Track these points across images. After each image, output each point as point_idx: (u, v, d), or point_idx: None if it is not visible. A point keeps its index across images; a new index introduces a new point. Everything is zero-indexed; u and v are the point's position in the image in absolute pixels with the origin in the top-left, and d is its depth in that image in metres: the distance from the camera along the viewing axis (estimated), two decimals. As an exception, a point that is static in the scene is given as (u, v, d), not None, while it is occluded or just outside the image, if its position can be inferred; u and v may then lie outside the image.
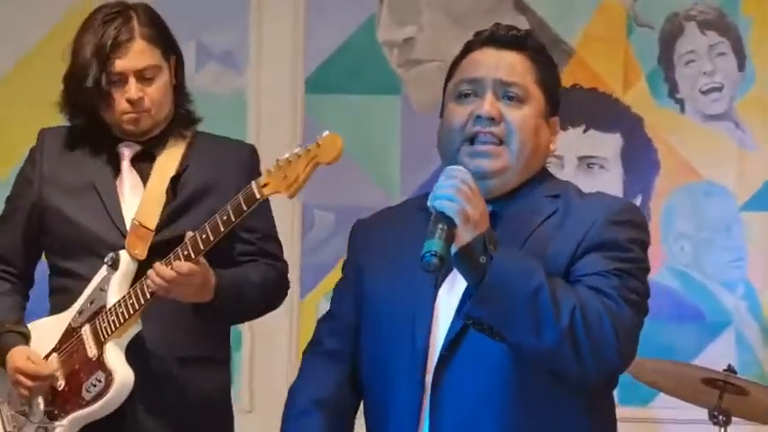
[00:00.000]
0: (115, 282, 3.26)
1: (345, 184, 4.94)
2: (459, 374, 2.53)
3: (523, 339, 2.45)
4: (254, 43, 5.22)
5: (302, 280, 5.03)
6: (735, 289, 5.04)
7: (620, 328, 2.46)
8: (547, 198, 2.60)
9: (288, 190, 2.98)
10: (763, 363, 4.98)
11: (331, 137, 2.94)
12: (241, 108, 4.98)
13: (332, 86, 5.17)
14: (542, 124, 2.61)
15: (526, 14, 5.15)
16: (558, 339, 2.43)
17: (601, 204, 2.59)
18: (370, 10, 5.24)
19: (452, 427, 2.52)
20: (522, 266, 2.45)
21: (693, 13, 5.10)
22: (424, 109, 5.14)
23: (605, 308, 2.46)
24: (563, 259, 2.52)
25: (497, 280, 2.42)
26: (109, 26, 3.40)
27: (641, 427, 4.87)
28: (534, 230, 2.55)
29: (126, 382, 3.22)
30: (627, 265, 2.52)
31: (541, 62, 2.63)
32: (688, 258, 5.07)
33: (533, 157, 2.60)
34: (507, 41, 2.62)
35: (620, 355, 2.47)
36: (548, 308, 2.42)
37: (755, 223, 5.04)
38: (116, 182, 3.40)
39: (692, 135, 5.09)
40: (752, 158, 5.06)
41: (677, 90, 5.11)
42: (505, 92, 2.58)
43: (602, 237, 2.51)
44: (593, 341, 2.44)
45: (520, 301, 2.42)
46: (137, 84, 3.37)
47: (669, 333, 4.92)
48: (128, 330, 3.24)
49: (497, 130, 2.56)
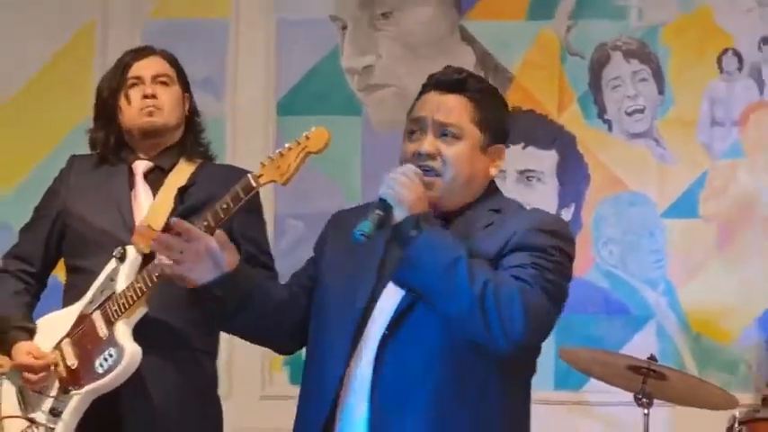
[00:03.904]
0: (123, 272, 3.29)
1: (313, 195, 4.93)
2: (399, 352, 2.55)
3: (442, 303, 2.51)
4: (230, 72, 5.24)
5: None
6: (656, 287, 5.02)
7: (529, 307, 2.49)
8: (490, 211, 2.66)
9: (281, 178, 2.98)
10: (681, 351, 4.97)
11: (319, 130, 2.95)
12: (220, 130, 4.93)
13: (301, 109, 5.17)
14: (478, 155, 2.66)
15: (472, 45, 5.16)
16: (469, 305, 2.47)
17: (533, 215, 2.66)
18: (333, 41, 5.24)
19: (391, 398, 2.54)
20: (446, 242, 2.53)
21: (619, 43, 5.11)
22: (381, 128, 5.16)
23: (519, 289, 2.50)
24: (491, 255, 2.56)
25: (422, 249, 2.50)
26: (132, 50, 3.55)
27: (574, 408, 4.87)
28: (473, 236, 2.60)
29: (135, 355, 3.23)
30: (547, 263, 2.55)
31: (480, 101, 2.68)
32: (615, 260, 5.05)
33: (469, 182, 2.66)
34: (449, 85, 2.67)
35: (526, 331, 2.49)
36: (463, 276, 2.48)
37: (674, 229, 5.04)
38: (131, 192, 3.44)
39: (619, 151, 5.10)
40: (671, 171, 5.06)
41: (605, 111, 5.12)
42: (443, 131, 2.63)
43: (528, 240, 2.56)
44: (501, 313, 2.47)
45: (440, 268, 2.49)
46: (153, 85, 3.44)
47: (599, 326, 4.92)
48: (135, 312, 3.26)
49: (435, 164, 2.62)
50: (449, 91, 2.67)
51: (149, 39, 4.71)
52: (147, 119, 3.44)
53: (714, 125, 5.05)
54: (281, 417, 5.01)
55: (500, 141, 2.71)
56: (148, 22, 5.24)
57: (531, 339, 2.56)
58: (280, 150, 2.99)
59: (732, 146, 5.04)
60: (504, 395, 2.60)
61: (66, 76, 5.21)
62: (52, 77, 5.24)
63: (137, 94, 3.45)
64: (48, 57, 5.27)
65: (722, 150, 5.04)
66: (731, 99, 5.04)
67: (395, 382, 2.54)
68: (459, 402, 2.55)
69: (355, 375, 2.56)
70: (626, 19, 5.10)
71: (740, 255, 4.99)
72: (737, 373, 4.93)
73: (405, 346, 2.55)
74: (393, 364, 2.55)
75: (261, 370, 5.09)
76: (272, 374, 5.13)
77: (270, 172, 3.00)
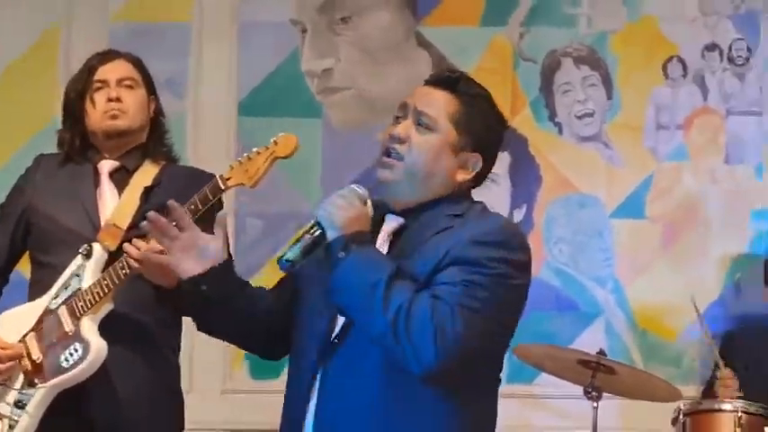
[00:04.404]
0: (89, 268, 3.28)
1: (273, 195, 4.90)
2: (343, 362, 2.51)
3: (362, 325, 2.46)
4: (193, 73, 5.21)
5: (234, 279, 5.01)
6: (605, 284, 5.04)
7: (442, 334, 2.39)
8: (448, 216, 2.56)
9: (249, 181, 3.00)
10: (628, 346, 4.99)
11: (287, 136, 2.96)
12: (181, 129, 4.92)
13: (261, 110, 5.14)
14: (446, 154, 2.57)
15: (428, 50, 5.14)
16: (383, 329, 2.41)
17: (478, 226, 2.53)
18: (294, 44, 5.21)
19: (333, 408, 2.50)
20: (371, 264, 2.45)
21: (569, 50, 5.12)
22: (340, 129, 5.15)
23: (435, 314, 2.41)
24: (428, 268, 2.48)
25: (347, 271, 2.44)
26: (98, 54, 3.53)
27: (526, 401, 4.87)
28: (426, 242, 2.52)
29: (100, 350, 3.21)
30: (479, 277, 2.44)
31: (465, 103, 2.59)
32: (566, 258, 5.06)
33: (428, 178, 2.57)
34: (440, 81, 2.62)
35: (435, 357, 2.39)
36: (379, 301, 2.40)
37: (622, 229, 5.05)
38: (96, 191, 3.43)
39: (569, 154, 5.10)
40: (619, 174, 5.08)
41: (556, 115, 5.12)
42: (419, 119, 2.57)
43: (464, 253, 2.46)
44: (411, 340, 2.39)
45: (360, 291, 2.42)
46: (117, 88, 3.44)
47: (550, 322, 4.92)
48: (101, 308, 3.25)
49: (401, 148, 2.57)
50: (439, 86, 2.61)
51: (114, 41, 4.73)
52: (110, 122, 3.44)
53: (660, 129, 5.07)
54: (241, 411, 5.09)
55: (479, 151, 2.60)
56: (113, 24, 5.20)
57: (447, 365, 2.42)
58: (248, 154, 3.00)
59: (677, 149, 5.06)
60: (451, 410, 2.50)
61: (32, 77, 5.18)
62: (18, 79, 5.20)
63: (102, 97, 3.45)
64: (14, 58, 5.23)
65: (667, 153, 5.07)
66: (676, 104, 5.06)
67: (336, 391, 2.50)
68: (407, 407, 2.48)
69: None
70: (576, 26, 5.12)
71: (684, 254, 5.01)
72: (681, 367, 4.95)
73: (350, 359, 2.50)
74: (335, 374, 2.51)
75: (222, 365, 5.05)
76: (233, 369, 5.09)
77: (238, 175, 3.02)
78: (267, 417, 5.00)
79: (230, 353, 4.99)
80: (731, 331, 4.80)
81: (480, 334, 2.44)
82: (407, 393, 2.46)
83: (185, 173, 3.48)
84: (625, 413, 4.71)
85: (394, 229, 2.59)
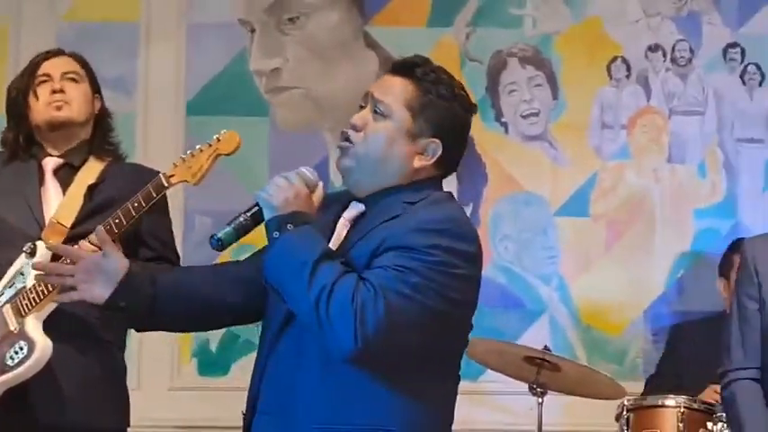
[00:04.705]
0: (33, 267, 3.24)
1: (222, 193, 4.82)
2: (287, 347, 2.51)
3: (289, 303, 2.45)
4: (142, 73, 5.17)
5: (183, 275, 4.99)
6: (549, 282, 5.06)
7: (361, 316, 2.36)
8: (404, 204, 2.53)
9: (193, 178, 3.00)
10: (573, 343, 5.02)
11: (230, 133, 2.96)
12: (131, 128, 4.90)
13: (210, 109, 5.12)
14: (401, 140, 2.55)
15: (376, 50, 5.14)
16: (307, 309, 2.40)
17: (423, 214, 2.50)
18: (242, 43, 5.19)
19: (277, 393, 2.51)
20: (303, 245, 2.44)
21: (515, 50, 5.13)
22: (288, 128, 5.14)
23: (357, 296, 2.38)
24: (366, 253, 2.46)
25: (279, 252, 2.44)
26: (42, 53, 3.52)
27: (471, 398, 4.72)
28: (375, 227, 2.50)
29: (46, 349, 3.19)
30: (415, 264, 2.40)
31: (422, 88, 2.56)
32: (511, 256, 5.07)
33: (381, 164, 2.55)
34: (399, 68, 2.60)
35: (353, 340, 2.36)
36: (305, 281, 2.39)
37: (566, 227, 5.08)
38: (41, 189, 3.41)
39: (514, 153, 5.11)
40: (563, 173, 5.10)
41: (502, 115, 5.13)
42: (375, 107, 2.56)
43: (402, 240, 2.43)
44: (331, 322, 2.37)
45: (290, 272, 2.42)
46: (61, 81, 3.42)
47: (496, 318, 4.92)
48: (45, 307, 3.22)
49: (355, 136, 2.56)
50: (398, 73, 2.59)
51: (63, 41, 4.68)
52: (55, 113, 3.41)
53: (604, 129, 5.10)
54: (188, 408, 5.08)
55: (438, 136, 2.56)
56: (62, 24, 5.16)
57: (368, 349, 2.38)
58: (191, 151, 3.00)
59: (621, 148, 5.10)
60: (391, 391, 2.46)
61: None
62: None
63: (45, 89, 3.43)
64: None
65: (611, 153, 5.10)
66: (620, 104, 5.10)
67: (282, 380, 2.50)
68: (345, 392, 2.46)
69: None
70: (521, 27, 5.13)
71: (628, 252, 5.04)
72: (624, 363, 4.99)
73: (293, 343, 2.50)
74: (281, 361, 2.51)
75: (170, 361, 5.04)
76: (181, 366, 5.07)
77: (181, 172, 3.03)
78: (215, 413, 5.02)
79: (178, 350, 4.98)
80: (676, 327, 4.85)
81: (408, 320, 2.40)
82: (346, 379, 2.44)
83: (129, 170, 3.46)
84: (569, 410, 4.72)
85: (354, 216, 2.58)
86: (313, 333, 2.43)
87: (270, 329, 2.56)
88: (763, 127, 5.05)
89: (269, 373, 2.52)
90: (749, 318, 3.29)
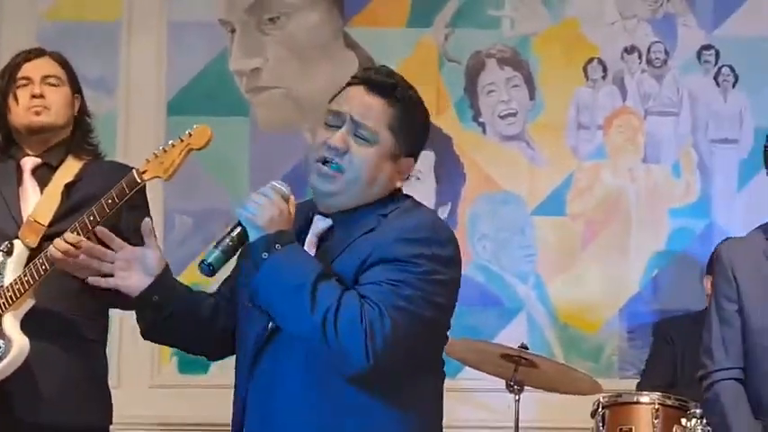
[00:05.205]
0: (10, 265, 3.25)
1: (202, 193, 4.89)
2: (270, 363, 2.49)
3: (288, 326, 2.43)
4: (123, 72, 5.17)
5: (164, 273, 4.98)
6: (527, 280, 5.07)
7: (371, 334, 2.37)
8: (377, 216, 2.52)
9: (165, 174, 2.98)
10: (550, 340, 5.04)
11: (202, 128, 2.95)
12: (111, 127, 4.91)
13: (190, 109, 5.10)
14: (386, 163, 2.53)
15: (355, 50, 5.15)
16: (311, 330, 2.37)
17: (401, 224, 2.49)
18: (222, 44, 5.19)
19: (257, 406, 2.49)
20: (295, 265, 2.42)
21: (493, 51, 5.15)
22: (268, 129, 5.15)
23: (364, 316, 2.38)
24: (353, 268, 2.45)
25: (270, 273, 2.41)
26: (22, 52, 3.50)
27: (450, 395, 4.68)
28: (352, 242, 2.49)
29: (23, 347, 3.18)
30: (405, 275, 2.41)
31: (402, 110, 2.54)
32: (489, 255, 5.08)
33: (368, 187, 2.52)
34: (376, 86, 2.55)
35: (365, 357, 2.37)
36: (306, 303, 2.37)
37: (543, 226, 5.09)
38: (19, 188, 3.39)
39: (492, 153, 5.12)
40: (540, 172, 5.12)
41: (480, 115, 5.14)
42: (357, 130, 2.51)
43: (389, 252, 2.43)
44: (341, 342, 2.36)
45: (285, 293, 2.39)
46: (41, 85, 3.40)
47: (474, 316, 4.93)
48: (23, 305, 3.21)
49: (340, 161, 2.50)
50: (375, 92, 2.54)
51: (44, 40, 4.67)
52: (34, 118, 3.39)
53: (580, 129, 5.12)
54: (169, 405, 5.09)
55: (412, 155, 2.57)
56: (43, 22, 5.16)
57: (378, 365, 2.39)
58: (163, 147, 2.99)
59: (597, 148, 5.12)
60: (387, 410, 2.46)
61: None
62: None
63: (25, 93, 3.41)
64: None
65: (587, 153, 5.12)
66: (596, 105, 5.12)
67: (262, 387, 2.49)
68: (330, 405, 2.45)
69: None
70: (500, 28, 5.15)
71: (604, 251, 5.06)
72: (600, 360, 5.00)
73: (275, 359, 2.48)
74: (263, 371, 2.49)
75: (150, 360, 5.03)
76: (161, 365, 5.07)
77: (154, 168, 3.00)
78: (195, 411, 5.02)
79: (158, 348, 4.95)
80: (654, 324, 4.86)
81: (408, 333, 2.41)
82: (330, 392, 2.43)
83: (107, 167, 3.43)
84: (546, 406, 4.73)
85: (322, 231, 2.55)
86: (292, 352, 2.43)
87: (244, 355, 2.53)
88: (736, 128, 5.09)
89: (251, 400, 2.50)
90: (729, 319, 3.30)
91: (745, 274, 3.30)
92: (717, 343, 3.30)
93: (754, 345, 3.26)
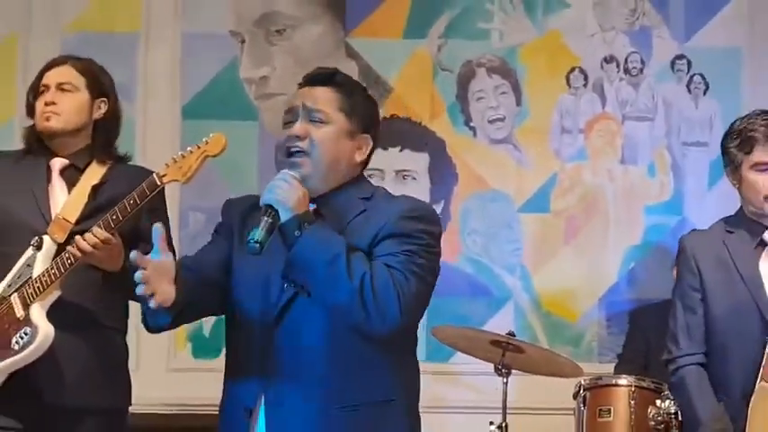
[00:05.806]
0: (39, 259, 3.29)
1: (214, 191, 4.81)
2: (288, 334, 2.59)
3: (326, 295, 2.54)
4: (141, 79, 5.20)
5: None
6: (514, 272, 5.13)
7: (402, 294, 2.54)
8: (360, 199, 2.67)
9: (183, 177, 3.02)
10: (534, 327, 5.09)
11: (217, 136, 2.98)
12: (131, 132, 4.78)
13: (203, 114, 5.15)
14: (344, 140, 2.67)
15: (356, 60, 5.19)
16: (349, 296, 2.52)
17: (399, 204, 2.67)
18: (233, 53, 5.24)
19: (284, 376, 2.58)
20: (327, 239, 2.54)
21: (483, 60, 5.21)
22: (275, 132, 4.97)
23: (392, 278, 2.54)
24: (364, 245, 2.60)
25: (305, 248, 2.54)
26: (50, 60, 3.55)
27: (443, 378, 4.93)
28: (347, 225, 2.63)
29: (48, 334, 3.22)
30: (415, 247, 2.60)
31: (345, 92, 2.70)
32: (479, 248, 5.14)
33: (335, 163, 2.66)
34: (317, 79, 2.71)
35: (400, 314, 2.54)
36: (343, 271, 2.51)
37: (529, 222, 5.15)
38: (48, 187, 3.44)
39: (482, 154, 5.18)
40: (526, 173, 5.18)
41: (471, 120, 5.20)
42: (310, 116, 2.66)
43: (398, 227, 2.60)
44: (379, 302, 2.52)
45: (322, 265, 2.52)
46: (55, 92, 3.44)
47: (465, 306, 5.00)
48: (49, 295, 3.26)
49: (303, 145, 2.64)
50: (318, 84, 2.69)
51: (67, 51, 4.66)
52: (44, 123, 3.42)
53: (563, 133, 5.18)
54: (184, 387, 5.06)
55: (367, 131, 2.72)
56: (67, 34, 5.16)
57: (407, 321, 2.58)
58: (182, 153, 3.02)
59: (578, 151, 5.19)
60: (391, 365, 2.62)
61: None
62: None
63: (42, 100, 3.44)
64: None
65: (570, 155, 5.19)
66: (578, 111, 5.18)
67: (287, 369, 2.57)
68: (349, 376, 2.57)
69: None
70: (489, 39, 5.21)
71: (584, 245, 5.13)
72: (580, 346, 5.07)
73: (292, 335, 2.58)
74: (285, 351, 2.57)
75: (167, 345, 5.06)
76: (177, 350, 5.10)
77: (173, 172, 3.03)
78: (209, 393, 5.05)
79: (174, 335, 5.00)
80: (630, 312, 4.94)
81: (424, 294, 2.62)
82: (350, 354, 2.58)
83: (131, 172, 3.45)
84: (531, 388, 4.76)
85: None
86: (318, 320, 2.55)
87: (253, 327, 2.62)
88: (707, 132, 5.13)
89: (278, 365, 2.58)
90: (693, 306, 3.36)
91: (708, 264, 3.37)
92: (681, 330, 3.36)
93: (715, 330, 3.33)
